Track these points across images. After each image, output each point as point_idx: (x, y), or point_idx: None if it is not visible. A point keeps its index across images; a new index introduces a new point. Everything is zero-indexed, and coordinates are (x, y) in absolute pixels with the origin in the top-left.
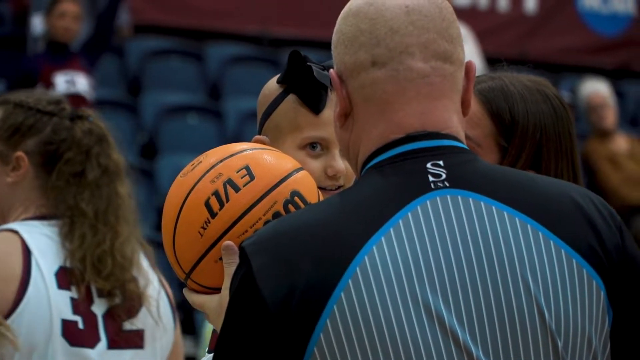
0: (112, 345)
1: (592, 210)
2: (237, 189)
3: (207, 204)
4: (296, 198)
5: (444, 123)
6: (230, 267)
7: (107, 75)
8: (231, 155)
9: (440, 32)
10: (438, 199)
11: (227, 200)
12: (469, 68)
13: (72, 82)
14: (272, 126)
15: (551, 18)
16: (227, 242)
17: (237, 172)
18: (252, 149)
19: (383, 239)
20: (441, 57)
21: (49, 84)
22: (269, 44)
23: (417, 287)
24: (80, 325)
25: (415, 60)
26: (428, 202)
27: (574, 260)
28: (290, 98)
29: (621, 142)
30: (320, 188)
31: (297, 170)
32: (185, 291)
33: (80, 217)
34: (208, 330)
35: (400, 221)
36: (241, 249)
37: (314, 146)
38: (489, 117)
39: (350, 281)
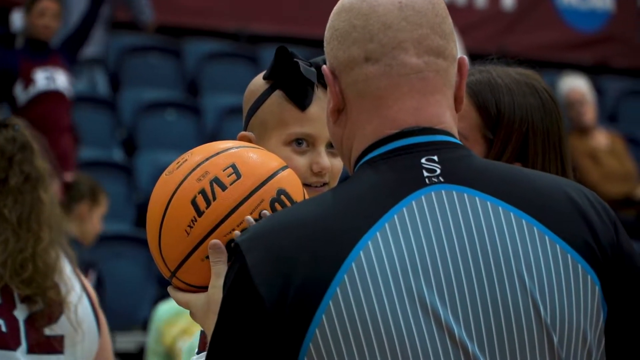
0: (32, 350)
1: (586, 205)
2: (223, 187)
3: (194, 203)
4: (282, 196)
5: (438, 118)
6: (217, 266)
7: (87, 72)
8: (217, 154)
9: (434, 28)
10: (433, 194)
11: (214, 198)
12: (461, 64)
13: (51, 78)
14: (258, 122)
15: (529, 14)
16: (214, 240)
17: (224, 170)
18: (237, 147)
19: (378, 234)
20: (434, 52)
21: (29, 81)
22: (247, 40)
23: (412, 282)
24: (3, 329)
25: (409, 55)
26: (423, 198)
27: (569, 256)
28: (277, 94)
29: (600, 138)
30: (305, 185)
31: (283, 168)
32: (170, 289)
33: (2, 223)
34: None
35: (396, 216)
36: (235, 245)
37: (299, 142)
38: (475, 110)
39: (346, 276)
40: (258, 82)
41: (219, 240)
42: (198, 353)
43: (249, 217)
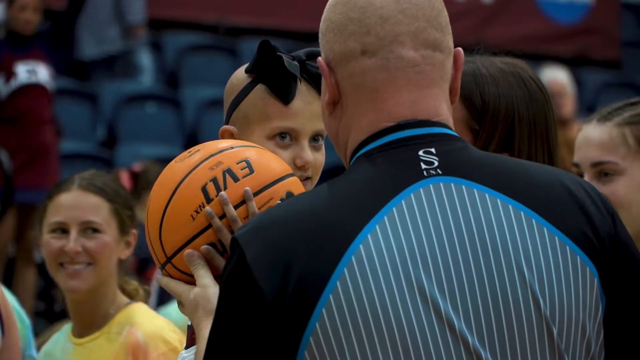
0: None
1: (584, 197)
2: (236, 179)
3: (204, 189)
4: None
5: (435, 111)
6: (198, 270)
7: (66, 65)
8: (232, 148)
9: (430, 21)
10: (431, 186)
11: (225, 188)
12: (457, 56)
13: (33, 72)
14: (240, 116)
15: (508, 6)
16: (188, 251)
17: (238, 163)
18: (251, 146)
19: (377, 227)
20: (431, 45)
21: (10, 74)
22: (226, 32)
23: (412, 275)
24: None
25: (406, 48)
26: (421, 190)
27: (567, 248)
28: (259, 88)
29: (578, 130)
30: None
31: (292, 174)
32: (162, 278)
33: None
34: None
35: (394, 209)
36: (234, 239)
37: (283, 136)
38: (461, 101)
39: (346, 270)
40: (240, 75)
41: (225, 229)
42: (186, 347)
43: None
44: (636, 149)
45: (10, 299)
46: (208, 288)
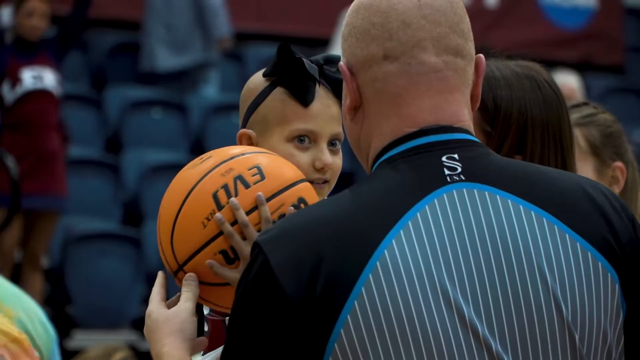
0: None
1: (604, 203)
2: (247, 185)
3: (215, 196)
4: (302, 205)
5: (457, 117)
6: (187, 292)
7: (72, 70)
8: (243, 154)
9: (452, 27)
10: (455, 192)
11: (236, 195)
12: (478, 62)
13: (39, 77)
14: (258, 119)
15: (512, 11)
16: (190, 273)
17: (249, 169)
18: (263, 152)
19: (402, 232)
20: (453, 51)
21: (16, 80)
22: (232, 38)
23: (436, 280)
24: None
25: (428, 54)
26: (445, 196)
27: (589, 254)
28: (278, 91)
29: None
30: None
31: (303, 180)
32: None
33: None
34: None
35: (418, 214)
36: (256, 244)
37: (302, 139)
38: None
39: (370, 276)
40: (257, 79)
41: (237, 234)
42: (203, 355)
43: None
44: (587, 149)
45: (36, 310)
46: (186, 312)
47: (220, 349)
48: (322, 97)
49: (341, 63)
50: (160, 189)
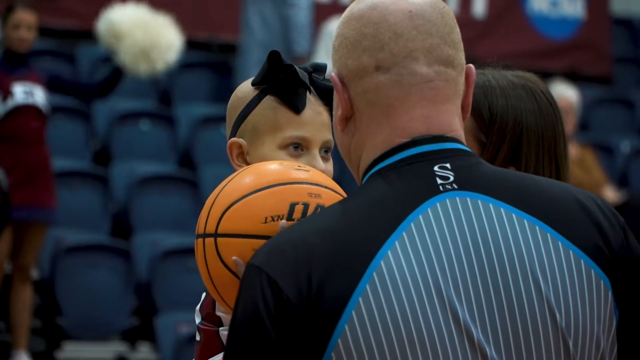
0: None
1: (596, 211)
2: None
3: (292, 206)
4: None
5: (449, 126)
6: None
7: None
8: (334, 191)
9: (443, 37)
10: (447, 201)
11: None
12: (468, 73)
13: (30, 93)
14: (249, 128)
15: (500, 22)
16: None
17: None
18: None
19: (397, 243)
20: (444, 62)
21: (7, 93)
22: (219, 49)
23: (432, 288)
24: None
25: (420, 65)
26: (438, 205)
27: (582, 261)
28: (269, 99)
29: (571, 149)
30: None
31: None
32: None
33: None
34: None
35: (412, 224)
36: (251, 266)
37: (296, 146)
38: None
39: (367, 286)
40: (246, 88)
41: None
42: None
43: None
44: None
45: None
46: None
47: (215, 358)
48: (313, 104)
49: (332, 74)
50: (150, 201)
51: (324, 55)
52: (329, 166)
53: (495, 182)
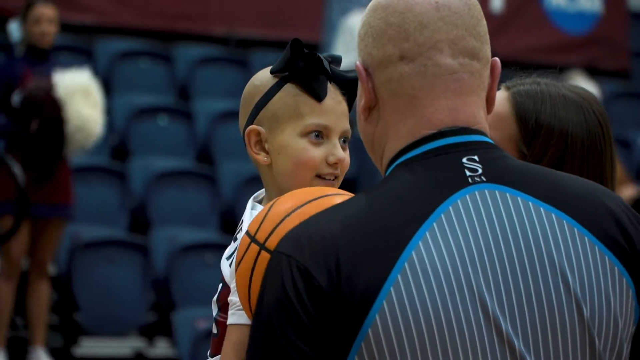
0: None
1: (619, 211)
2: None
3: None
4: None
5: (474, 119)
6: None
7: None
8: None
9: (469, 29)
10: (477, 193)
11: None
12: (494, 66)
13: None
14: (268, 116)
15: (517, 17)
16: None
17: None
18: None
19: (428, 233)
20: (469, 54)
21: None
22: (237, 44)
23: (463, 280)
24: None
25: (444, 56)
26: (467, 197)
27: (606, 257)
28: (289, 86)
29: None
30: (317, 176)
31: None
32: None
33: None
34: None
35: (443, 215)
36: (278, 253)
37: (317, 134)
38: (515, 120)
39: (399, 276)
40: (264, 77)
41: None
42: (211, 356)
43: None
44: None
45: None
46: None
47: None
48: (333, 93)
49: (357, 62)
50: (167, 196)
51: (342, 49)
52: (347, 156)
53: (523, 175)
